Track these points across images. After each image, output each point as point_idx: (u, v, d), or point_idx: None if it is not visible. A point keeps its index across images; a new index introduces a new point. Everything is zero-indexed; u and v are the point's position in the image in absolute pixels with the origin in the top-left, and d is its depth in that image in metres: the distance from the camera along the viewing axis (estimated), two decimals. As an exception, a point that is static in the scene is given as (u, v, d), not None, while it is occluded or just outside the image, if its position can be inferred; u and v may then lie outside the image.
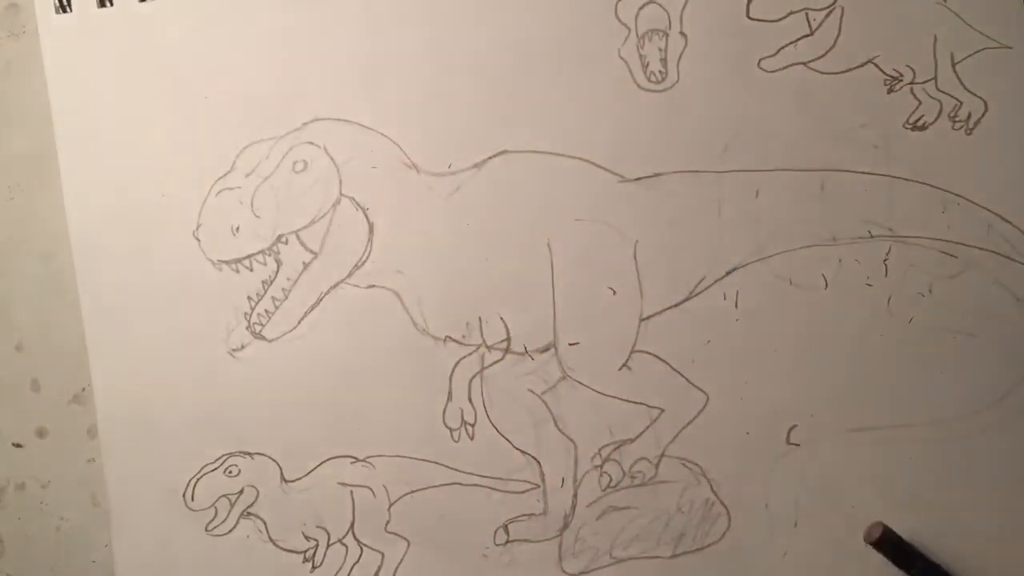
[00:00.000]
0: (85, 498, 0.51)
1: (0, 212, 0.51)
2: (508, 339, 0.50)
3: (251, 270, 0.50)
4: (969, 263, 0.49)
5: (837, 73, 0.49)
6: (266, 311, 0.50)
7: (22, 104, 0.51)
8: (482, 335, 0.50)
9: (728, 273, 0.49)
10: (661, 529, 0.50)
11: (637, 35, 0.50)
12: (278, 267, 0.50)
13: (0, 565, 0.52)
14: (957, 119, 0.49)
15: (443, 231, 0.50)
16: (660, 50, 0.50)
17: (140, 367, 0.50)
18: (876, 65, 0.49)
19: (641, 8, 0.50)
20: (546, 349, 0.50)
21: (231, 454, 0.50)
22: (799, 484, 0.49)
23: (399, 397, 0.50)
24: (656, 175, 0.50)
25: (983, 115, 0.49)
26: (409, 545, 0.50)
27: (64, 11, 0.50)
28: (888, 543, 0.47)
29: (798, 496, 0.49)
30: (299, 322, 0.50)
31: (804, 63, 0.49)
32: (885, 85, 0.49)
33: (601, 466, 0.49)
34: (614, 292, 0.50)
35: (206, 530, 0.50)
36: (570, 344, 0.50)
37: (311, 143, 0.50)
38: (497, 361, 0.50)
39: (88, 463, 0.51)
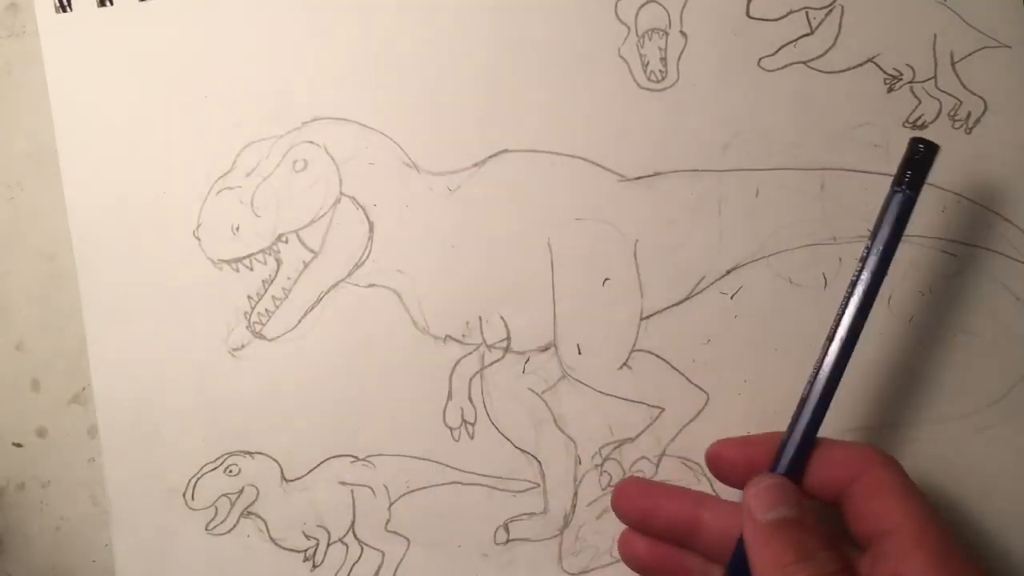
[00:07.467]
0: (85, 498, 0.51)
1: (0, 212, 0.51)
2: (508, 338, 0.50)
3: (251, 269, 0.50)
4: (969, 262, 0.49)
5: (837, 72, 0.49)
6: (266, 310, 0.50)
7: (22, 104, 0.51)
8: (482, 334, 0.50)
9: (728, 272, 0.49)
10: (662, 528, 0.49)
11: (637, 34, 0.50)
12: (278, 266, 0.50)
13: (0, 565, 0.51)
14: (957, 118, 0.49)
15: (443, 230, 0.50)
16: (660, 49, 0.50)
17: (140, 367, 0.50)
18: (876, 64, 0.49)
19: (641, 7, 0.50)
20: (546, 348, 0.50)
21: (231, 453, 0.50)
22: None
23: (399, 396, 0.50)
24: (656, 174, 0.50)
25: (983, 114, 0.49)
26: (409, 544, 0.50)
27: (64, 11, 0.50)
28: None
29: (799, 495, 0.49)
30: (299, 321, 0.50)
31: (804, 62, 0.49)
32: (885, 84, 0.49)
33: (601, 465, 0.49)
34: (614, 291, 0.50)
35: (206, 529, 0.50)
36: (570, 343, 0.50)
37: (311, 142, 0.50)
38: (497, 360, 0.50)
39: (88, 463, 0.51)
